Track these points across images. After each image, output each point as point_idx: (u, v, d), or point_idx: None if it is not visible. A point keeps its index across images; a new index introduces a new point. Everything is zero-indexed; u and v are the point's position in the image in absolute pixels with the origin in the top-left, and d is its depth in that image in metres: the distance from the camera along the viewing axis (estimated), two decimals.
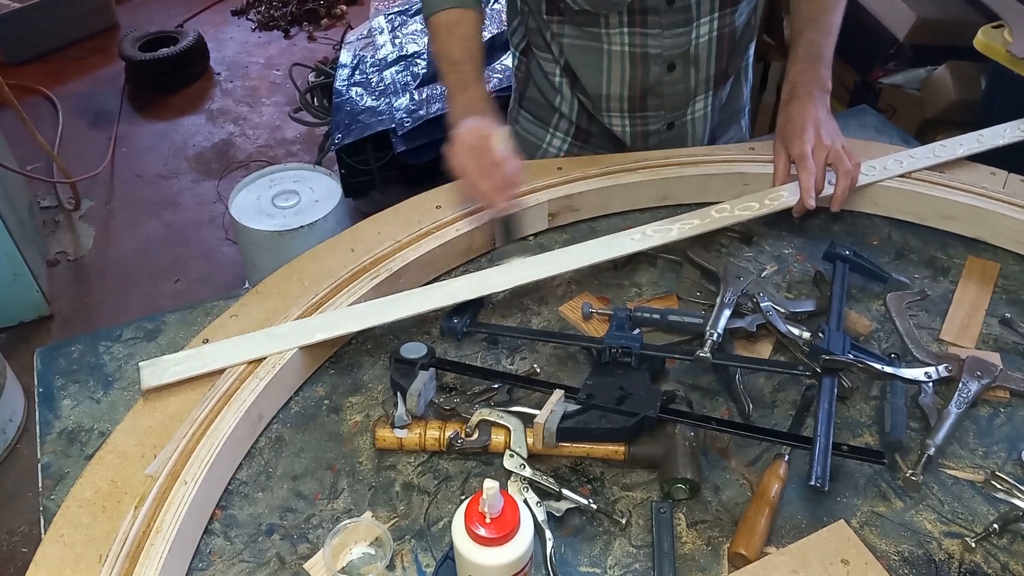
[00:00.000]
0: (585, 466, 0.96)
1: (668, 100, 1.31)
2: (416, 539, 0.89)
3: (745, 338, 1.09)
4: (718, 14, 1.23)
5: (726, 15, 1.23)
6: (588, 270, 1.21)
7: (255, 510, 0.92)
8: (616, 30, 1.22)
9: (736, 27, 1.27)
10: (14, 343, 2.54)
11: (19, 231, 2.47)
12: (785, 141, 1.24)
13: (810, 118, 1.22)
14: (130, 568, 0.80)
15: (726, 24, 1.25)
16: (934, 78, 2.34)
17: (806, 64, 1.27)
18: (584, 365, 1.07)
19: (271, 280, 1.12)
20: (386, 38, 2.88)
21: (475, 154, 1.14)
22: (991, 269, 1.21)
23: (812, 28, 1.29)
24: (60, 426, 1.02)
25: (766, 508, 0.88)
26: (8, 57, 3.78)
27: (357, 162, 2.60)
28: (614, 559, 0.87)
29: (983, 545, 0.88)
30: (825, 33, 1.29)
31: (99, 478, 0.88)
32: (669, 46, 1.23)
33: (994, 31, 1.93)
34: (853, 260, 1.15)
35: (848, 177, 1.20)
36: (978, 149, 1.31)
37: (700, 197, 1.30)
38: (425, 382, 0.96)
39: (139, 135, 3.48)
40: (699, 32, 1.24)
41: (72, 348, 1.11)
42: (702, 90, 1.32)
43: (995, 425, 1.01)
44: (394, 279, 1.12)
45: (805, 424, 0.97)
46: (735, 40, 1.29)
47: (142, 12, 4.25)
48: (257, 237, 2.29)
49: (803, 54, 1.28)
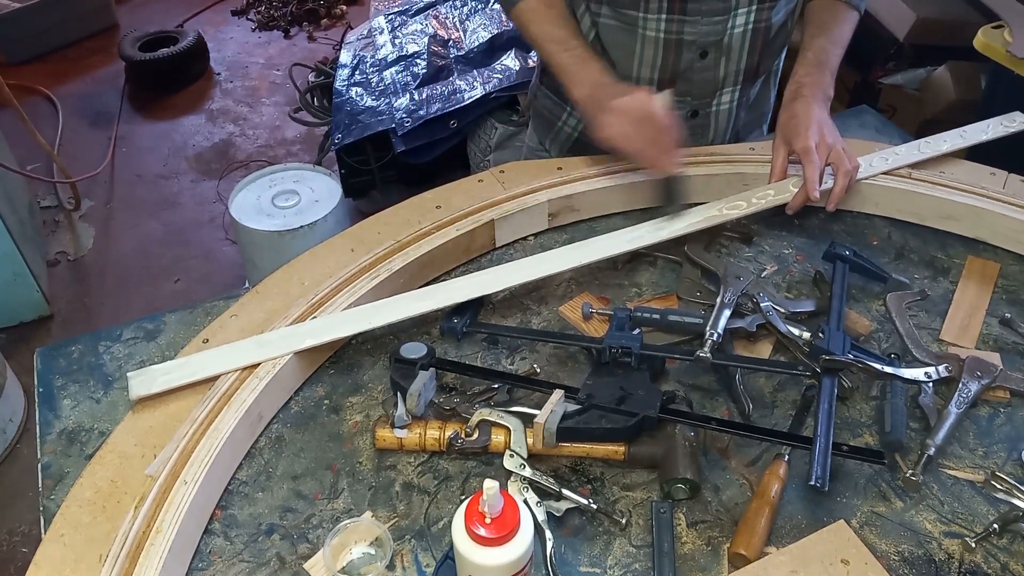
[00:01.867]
0: (585, 466, 0.96)
1: (696, 87, 1.32)
2: (416, 539, 0.89)
3: (745, 338, 1.09)
4: (756, 7, 1.24)
5: (764, 9, 1.25)
6: (588, 270, 1.21)
7: (255, 510, 0.92)
8: (655, 16, 1.24)
9: (772, 24, 1.29)
10: (14, 343, 2.54)
11: (19, 231, 2.47)
12: (788, 136, 1.24)
13: (814, 117, 1.22)
14: (130, 568, 0.80)
15: (763, 19, 1.26)
16: (934, 78, 2.35)
17: (813, 68, 1.28)
18: (584, 365, 1.07)
19: (271, 280, 1.12)
20: (386, 38, 2.88)
21: (640, 123, 1.16)
22: (991, 269, 1.21)
23: (823, 35, 1.30)
24: (60, 426, 1.02)
25: (766, 508, 0.88)
26: (8, 57, 3.78)
27: (357, 162, 2.60)
28: (614, 559, 0.87)
29: (983, 545, 0.88)
30: (835, 43, 1.30)
31: (99, 478, 0.88)
32: (705, 33, 1.25)
33: (994, 31, 1.93)
34: (853, 260, 1.16)
35: (847, 177, 1.20)
36: (961, 144, 1.32)
37: (700, 197, 1.30)
38: (425, 382, 0.96)
39: (139, 135, 3.48)
40: (735, 22, 1.25)
41: (72, 348, 1.11)
42: (731, 82, 1.33)
43: (995, 425, 1.01)
44: (394, 279, 1.12)
45: (805, 424, 0.97)
46: (769, 37, 1.30)
47: (142, 12, 4.24)
48: (257, 237, 2.29)
49: (812, 58, 1.29)
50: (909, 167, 1.29)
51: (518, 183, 1.26)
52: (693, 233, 1.19)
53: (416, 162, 2.53)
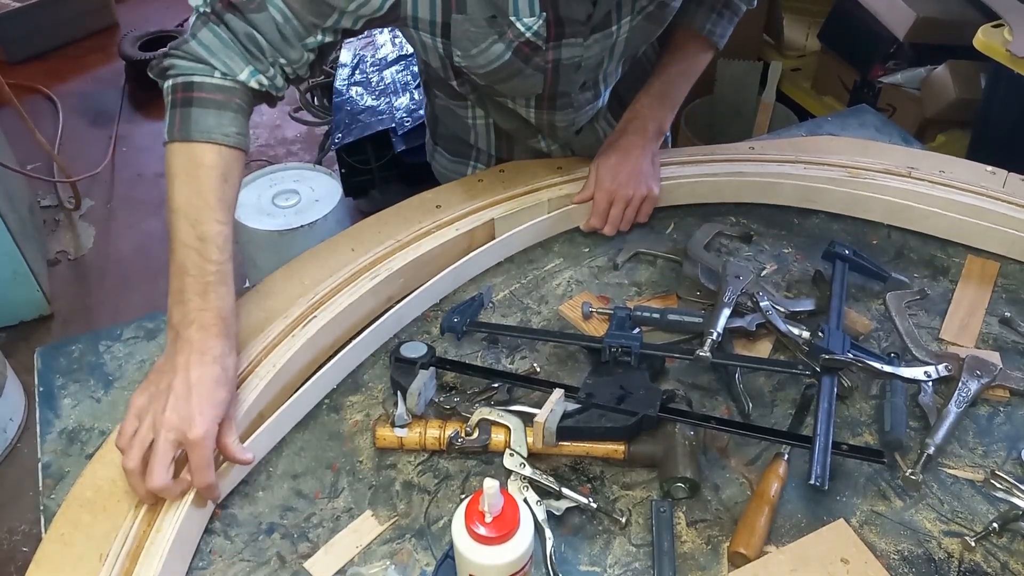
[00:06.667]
0: (585, 465, 0.96)
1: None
2: (416, 538, 0.89)
3: (745, 337, 1.09)
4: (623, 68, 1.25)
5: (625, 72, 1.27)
6: (588, 270, 1.21)
7: (255, 509, 0.92)
8: (524, 109, 1.23)
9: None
10: (14, 342, 2.54)
11: (19, 230, 2.47)
12: (599, 168, 1.23)
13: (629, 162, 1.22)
14: (131, 567, 0.80)
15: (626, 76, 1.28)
16: (934, 77, 2.34)
17: (654, 100, 1.27)
18: (584, 364, 1.07)
19: (271, 279, 1.12)
20: (386, 37, 2.88)
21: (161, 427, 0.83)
22: (991, 268, 1.21)
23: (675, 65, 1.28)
24: (60, 425, 1.02)
25: (766, 507, 0.88)
26: (8, 56, 3.78)
27: (357, 161, 2.60)
28: (614, 558, 0.87)
29: (983, 544, 0.88)
30: (685, 74, 1.29)
31: (99, 477, 0.88)
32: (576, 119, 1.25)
33: (994, 30, 1.93)
34: (853, 259, 1.16)
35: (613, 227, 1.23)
36: None
37: (700, 197, 1.30)
38: (425, 381, 0.96)
39: (139, 134, 3.48)
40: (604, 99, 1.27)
41: (72, 347, 1.11)
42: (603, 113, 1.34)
43: (995, 424, 1.01)
44: (394, 278, 1.12)
45: (805, 423, 0.98)
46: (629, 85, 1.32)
47: (142, 11, 4.24)
48: (257, 236, 2.29)
49: (656, 89, 1.27)
50: (908, 167, 1.29)
51: (518, 183, 1.27)
52: (692, 231, 1.19)
53: (416, 162, 2.52)
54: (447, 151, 1.43)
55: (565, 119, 1.24)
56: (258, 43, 0.96)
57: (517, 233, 1.21)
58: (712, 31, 1.27)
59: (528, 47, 1.05)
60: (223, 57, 0.95)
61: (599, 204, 1.22)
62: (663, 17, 1.14)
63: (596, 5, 1.04)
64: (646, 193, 1.22)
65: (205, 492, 0.86)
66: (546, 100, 1.19)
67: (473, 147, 1.39)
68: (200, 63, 0.95)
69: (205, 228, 0.91)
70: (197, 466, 0.84)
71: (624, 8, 1.08)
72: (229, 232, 0.94)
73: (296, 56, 0.99)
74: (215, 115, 0.94)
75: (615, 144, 1.24)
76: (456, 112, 1.34)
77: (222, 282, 0.91)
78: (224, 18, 0.95)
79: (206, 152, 0.94)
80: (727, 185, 1.30)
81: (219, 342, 0.89)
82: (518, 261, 1.23)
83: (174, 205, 0.92)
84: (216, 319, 0.89)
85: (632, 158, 1.22)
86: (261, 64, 0.97)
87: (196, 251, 0.90)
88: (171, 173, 0.94)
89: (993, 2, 2.01)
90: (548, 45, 1.06)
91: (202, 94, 0.94)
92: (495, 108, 1.27)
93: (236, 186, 0.97)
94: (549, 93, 1.17)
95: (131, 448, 0.83)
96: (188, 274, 0.90)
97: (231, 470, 0.91)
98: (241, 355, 0.98)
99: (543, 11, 1.01)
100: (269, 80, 0.99)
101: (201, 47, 0.95)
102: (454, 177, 1.38)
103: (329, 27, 0.99)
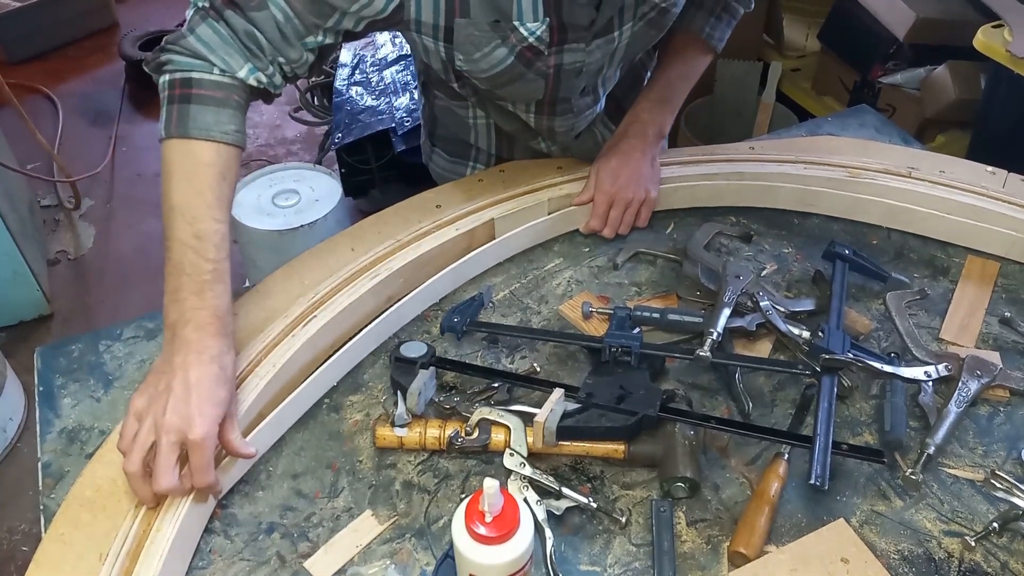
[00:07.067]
0: (585, 465, 0.96)
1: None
2: (416, 538, 0.89)
3: (745, 337, 1.09)
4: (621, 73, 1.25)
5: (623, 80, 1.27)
6: (588, 270, 1.21)
7: (255, 508, 0.92)
8: (524, 114, 1.23)
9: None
10: (14, 342, 2.53)
11: (19, 230, 2.47)
12: (599, 171, 1.24)
13: (629, 166, 1.22)
14: (131, 566, 0.80)
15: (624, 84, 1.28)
16: (934, 78, 2.34)
17: (654, 104, 1.27)
18: (584, 364, 1.07)
19: (271, 279, 1.12)
20: (386, 38, 2.88)
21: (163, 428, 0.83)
22: (991, 268, 1.21)
23: (674, 68, 1.28)
24: (60, 425, 1.02)
25: (766, 507, 0.88)
26: (8, 56, 3.77)
27: (357, 161, 2.60)
28: (614, 557, 0.87)
29: (983, 544, 0.88)
30: (684, 77, 1.29)
31: (99, 477, 0.88)
32: (576, 124, 1.25)
33: (994, 31, 1.93)
34: (853, 259, 1.16)
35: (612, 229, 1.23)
36: None
37: (700, 197, 1.30)
38: (425, 381, 0.96)
39: (139, 134, 3.48)
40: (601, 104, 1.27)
41: (72, 347, 1.11)
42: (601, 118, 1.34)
43: (995, 424, 1.01)
44: (394, 278, 1.12)
45: (805, 423, 0.98)
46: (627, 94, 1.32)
47: (142, 11, 4.24)
48: (257, 236, 2.29)
49: (656, 93, 1.28)
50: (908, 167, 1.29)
51: (518, 182, 1.27)
52: (692, 231, 1.19)
53: (416, 162, 2.51)
54: (446, 152, 1.43)
55: (564, 124, 1.24)
56: (258, 41, 0.96)
57: (517, 233, 1.21)
58: (711, 35, 1.27)
59: (531, 52, 1.05)
60: (222, 54, 0.95)
61: (599, 206, 1.23)
62: (664, 23, 1.15)
63: (599, 11, 1.04)
64: (645, 196, 1.23)
65: (206, 489, 0.86)
66: (546, 105, 1.19)
67: (473, 147, 1.39)
68: (198, 59, 0.95)
69: (202, 226, 0.91)
70: (198, 467, 0.84)
71: (626, 14, 1.08)
72: (226, 230, 0.93)
73: (295, 56, 0.99)
74: (214, 112, 0.94)
75: (616, 147, 1.25)
76: (456, 112, 1.34)
77: (219, 280, 0.91)
78: (224, 14, 0.95)
79: (204, 150, 0.93)
80: (727, 189, 1.30)
81: (216, 341, 0.89)
82: (518, 261, 1.23)
83: (171, 203, 0.92)
84: (212, 318, 0.89)
85: (632, 161, 1.23)
86: (260, 62, 0.97)
87: (193, 249, 0.90)
88: (168, 170, 0.93)
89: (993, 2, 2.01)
90: (550, 50, 1.06)
91: (201, 91, 0.94)
92: (496, 109, 1.27)
93: (233, 184, 0.97)
94: (550, 98, 1.17)
95: (132, 451, 0.83)
96: (184, 272, 0.89)
97: (233, 465, 0.91)
98: (241, 355, 0.98)
99: (546, 16, 1.02)
100: (268, 78, 0.98)
101: (200, 43, 0.95)
102: (453, 178, 1.37)
103: (330, 28, 0.99)
